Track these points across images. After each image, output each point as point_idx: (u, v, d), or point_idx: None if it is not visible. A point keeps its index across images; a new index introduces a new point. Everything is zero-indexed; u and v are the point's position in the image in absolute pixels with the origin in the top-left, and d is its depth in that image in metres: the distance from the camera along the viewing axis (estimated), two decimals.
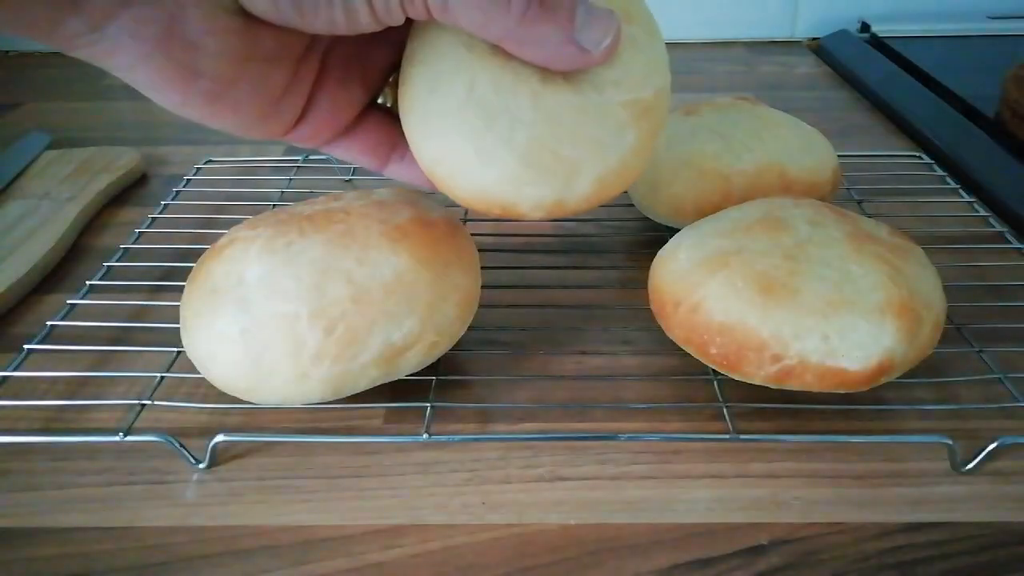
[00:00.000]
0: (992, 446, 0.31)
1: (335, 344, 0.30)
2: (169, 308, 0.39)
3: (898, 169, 0.55)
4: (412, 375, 0.33)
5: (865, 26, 0.85)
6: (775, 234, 0.33)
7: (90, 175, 0.55)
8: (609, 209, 0.50)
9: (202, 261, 0.34)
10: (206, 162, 0.57)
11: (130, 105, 0.73)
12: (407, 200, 0.35)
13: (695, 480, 0.31)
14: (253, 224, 0.34)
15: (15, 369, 0.35)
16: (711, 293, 0.32)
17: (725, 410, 0.33)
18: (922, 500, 0.30)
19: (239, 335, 0.30)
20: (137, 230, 0.47)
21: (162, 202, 0.51)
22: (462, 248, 0.34)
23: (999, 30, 0.84)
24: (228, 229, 0.35)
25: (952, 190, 0.52)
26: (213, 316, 0.31)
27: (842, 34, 0.85)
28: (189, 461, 0.32)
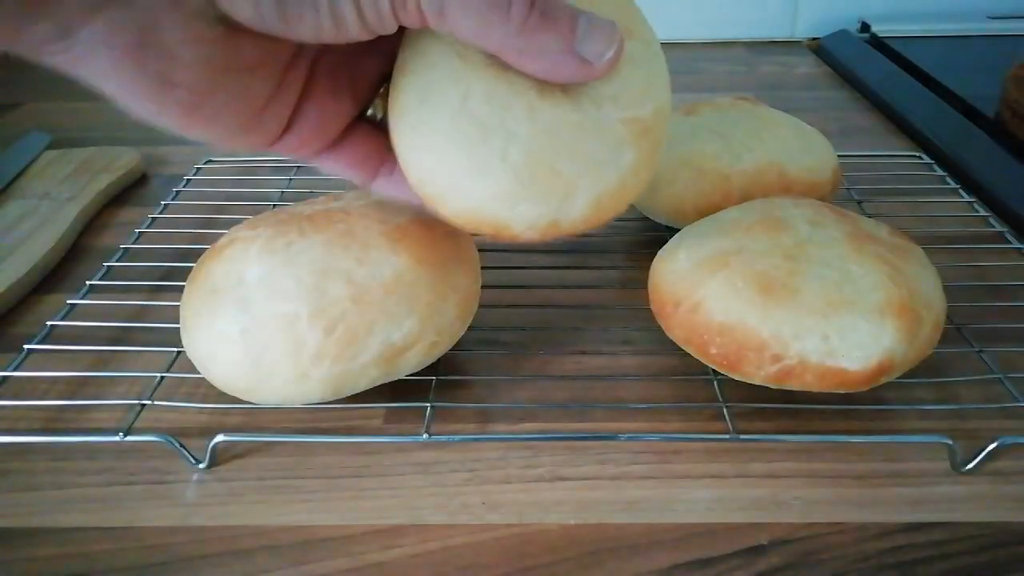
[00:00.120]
0: (992, 446, 0.31)
1: (335, 344, 0.30)
2: (169, 308, 0.39)
3: (898, 169, 0.55)
4: (412, 375, 0.33)
5: (865, 26, 0.85)
6: (775, 234, 0.33)
7: (90, 175, 0.55)
8: None
9: (202, 261, 0.34)
10: (206, 162, 0.57)
11: None
12: None
13: (695, 480, 0.31)
14: (253, 224, 0.34)
15: (15, 369, 0.35)
16: (711, 293, 0.32)
17: (725, 410, 0.33)
18: (922, 500, 0.30)
19: (239, 335, 0.30)
20: (137, 230, 0.48)
21: (162, 202, 0.51)
22: (462, 248, 0.34)
23: (999, 30, 0.84)
24: (228, 229, 0.35)
25: (952, 190, 0.52)
26: (213, 316, 0.31)
27: (842, 34, 0.85)
28: (189, 461, 0.32)
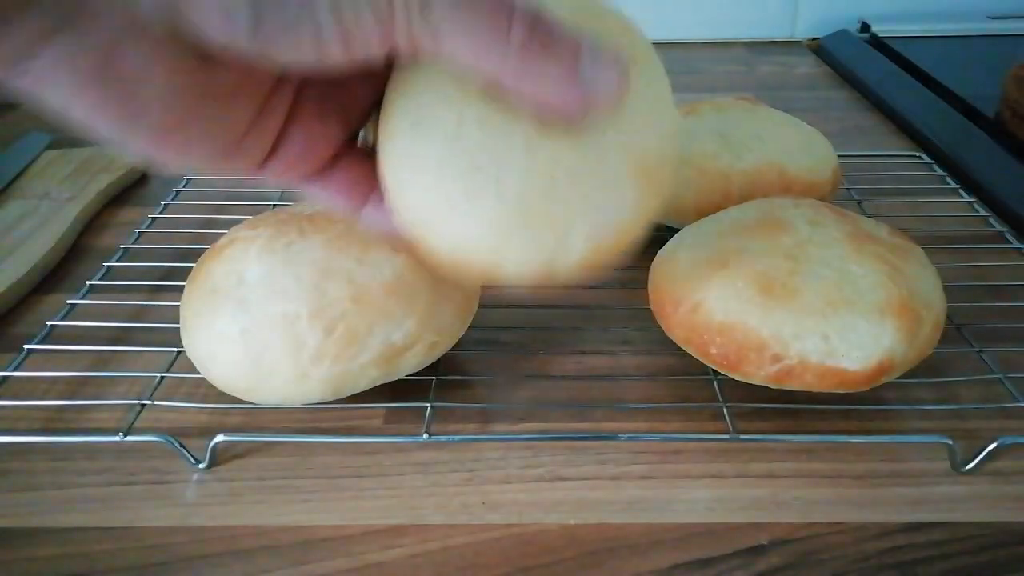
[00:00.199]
0: (992, 446, 0.31)
1: (335, 344, 0.30)
2: (169, 308, 0.39)
3: (898, 169, 0.55)
4: (412, 375, 0.33)
5: (865, 26, 0.85)
6: (775, 234, 0.33)
7: (90, 175, 0.55)
8: None
9: (202, 261, 0.34)
10: None
11: None
12: None
13: (695, 480, 0.31)
14: (253, 224, 0.34)
15: (15, 369, 0.35)
16: (711, 293, 0.32)
17: (725, 410, 0.33)
18: (922, 500, 0.30)
19: (239, 335, 0.30)
20: (137, 230, 0.48)
21: (162, 202, 0.51)
22: None
23: (999, 30, 0.84)
24: (228, 229, 0.35)
25: (952, 190, 0.52)
26: (213, 316, 0.31)
27: (842, 34, 0.85)
28: (189, 461, 0.32)
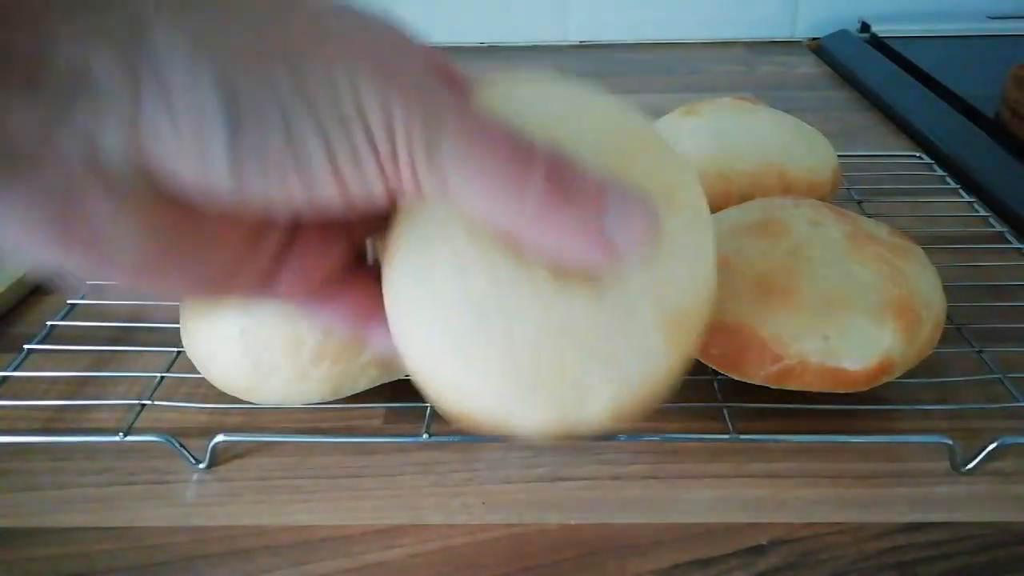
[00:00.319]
0: (992, 446, 0.31)
1: (335, 344, 0.30)
2: (169, 308, 0.39)
3: (898, 169, 0.55)
4: None
5: (865, 26, 0.85)
6: (775, 234, 0.33)
7: None
8: None
9: None
10: None
11: None
12: None
13: (695, 480, 0.31)
14: None
15: (15, 369, 0.35)
16: None
17: (725, 410, 0.33)
18: (922, 500, 0.30)
19: (239, 335, 0.30)
20: None
21: None
22: None
23: (999, 30, 0.84)
24: None
25: (952, 190, 0.52)
26: (213, 316, 0.31)
27: (842, 34, 0.85)
28: (189, 461, 0.32)
